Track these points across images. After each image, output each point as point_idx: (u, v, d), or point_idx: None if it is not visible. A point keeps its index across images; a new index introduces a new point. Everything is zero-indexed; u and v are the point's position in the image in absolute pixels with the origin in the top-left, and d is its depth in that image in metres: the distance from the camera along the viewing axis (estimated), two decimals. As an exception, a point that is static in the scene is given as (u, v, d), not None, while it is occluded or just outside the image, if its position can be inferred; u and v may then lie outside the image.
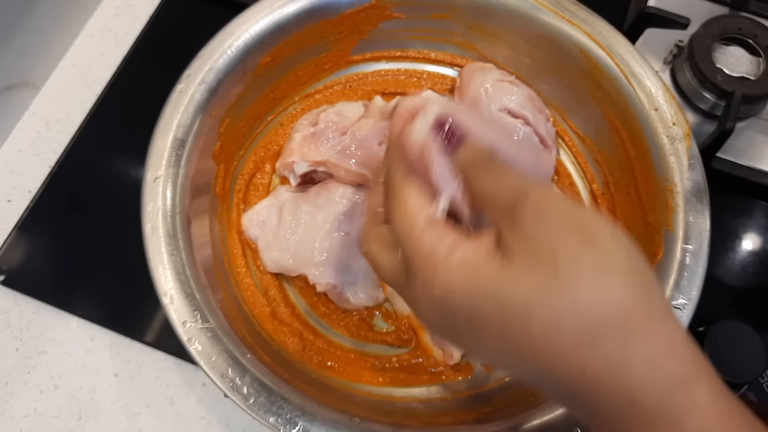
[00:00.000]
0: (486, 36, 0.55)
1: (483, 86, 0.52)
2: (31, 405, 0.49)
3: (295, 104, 0.56)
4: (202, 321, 0.40)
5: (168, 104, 0.45)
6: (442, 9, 0.53)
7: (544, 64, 0.53)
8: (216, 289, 0.44)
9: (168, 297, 0.40)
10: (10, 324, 0.51)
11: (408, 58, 0.58)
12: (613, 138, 0.51)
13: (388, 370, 0.48)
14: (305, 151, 0.50)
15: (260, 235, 0.50)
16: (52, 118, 0.59)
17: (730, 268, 0.54)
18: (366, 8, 0.52)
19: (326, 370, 0.47)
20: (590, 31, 0.50)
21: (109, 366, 0.50)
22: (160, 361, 0.50)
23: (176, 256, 0.42)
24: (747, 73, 0.56)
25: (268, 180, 0.54)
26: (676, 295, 0.42)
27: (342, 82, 0.57)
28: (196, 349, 0.39)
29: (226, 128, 0.49)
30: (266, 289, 0.49)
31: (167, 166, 0.44)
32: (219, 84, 0.47)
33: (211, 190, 0.49)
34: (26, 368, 0.50)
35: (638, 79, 0.48)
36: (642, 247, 0.46)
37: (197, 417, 0.49)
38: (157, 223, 0.42)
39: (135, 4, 0.65)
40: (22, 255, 0.53)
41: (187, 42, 0.48)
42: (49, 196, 0.55)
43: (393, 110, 0.32)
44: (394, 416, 0.43)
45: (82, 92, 0.60)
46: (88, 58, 0.62)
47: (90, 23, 0.64)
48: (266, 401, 0.38)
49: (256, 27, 0.48)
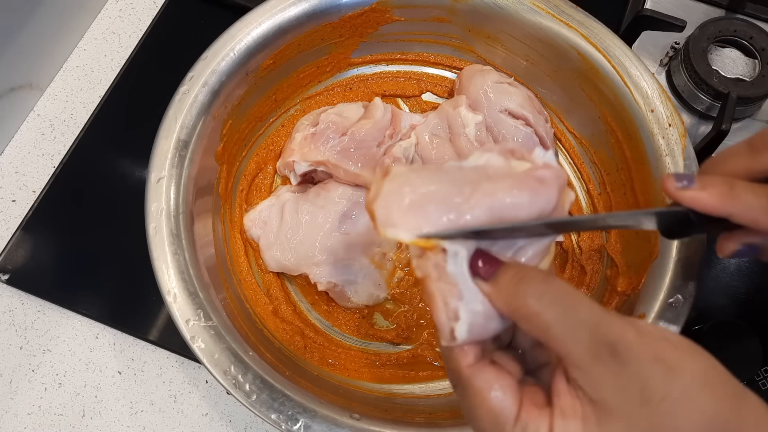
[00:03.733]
0: (484, 39, 0.55)
1: (482, 88, 0.53)
2: (36, 402, 0.50)
3: (297, 106, 0.57)
4: (204, 319, 0.40)
5: (171, 106, 0.46)
6: (442, 12, 0.54)
7: (542, 66, 0.54)
8: (219, 287, 0.44)
9: (171, 295, 0.41)
10: (14, 322, 0.52)
11: (407, 61, 0.59)
12: (609, 139, 0.51)
13: (388, 367, 0.48)
14: (305, 151, 0.50)
15: (262, 235, 0.51)
16: (57, 119, 0.60)
17: (726, 268, 0.55)
18: (366, 11, 0.52)
19: (327, 367, 0.47)
20: (587, 33, 0.50)
21: (112, 364, 0.51)
22: (163, 358, 0.51)
23: (179, 255, 0.42)
24: (742, 74, 0.57)
25: (270, 180, 0.54)
26: (672, 293, 0.42)
27: (343, 84, 0.58)
28: (199, 346, 0.39)
29: (229, 129, 0.50)
30: (268, 288, 0.50)
31: (171, 167, 0.44)
32: (221, 86, 0.47)
33: (213, 191, 0.49)
34: (30, 366, 0.51)
35: (634, 80, 0.49)
36: (638, 248, 0.47)
37: (200, 414, 0.49)
38: (161, 222, 0.43)
39: (138, 7, 0.65)
40: (26, 254, 0.54)
41: (190, 44, 0.48)
42: (53, 196, 0.56)
43: None
44: (395, 413, 0.43)
45: (86, 94, 0.61)
46: (91, 60, 0.63)
47: (94, 26, 0.64)
48: (268, 398, 0.38)
49: (258, 30, 0.49)
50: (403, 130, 0.53)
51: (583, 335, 0.24)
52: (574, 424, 0.24)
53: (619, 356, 0.24)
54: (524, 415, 0.26)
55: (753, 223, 0.28)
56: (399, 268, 0.52)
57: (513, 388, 0.26)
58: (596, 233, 0.53)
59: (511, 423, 0.25)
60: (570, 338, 0.24)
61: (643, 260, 0.45)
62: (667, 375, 0.23)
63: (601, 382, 0.24)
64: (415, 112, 0.58)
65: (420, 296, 0.51)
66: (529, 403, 0.26)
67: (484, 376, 0.27)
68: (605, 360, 0.24)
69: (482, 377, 0.27)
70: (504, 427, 0.26)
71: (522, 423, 0.25)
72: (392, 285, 0.51)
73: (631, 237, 0.49)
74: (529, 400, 0.26)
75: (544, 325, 0.25)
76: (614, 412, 0.24)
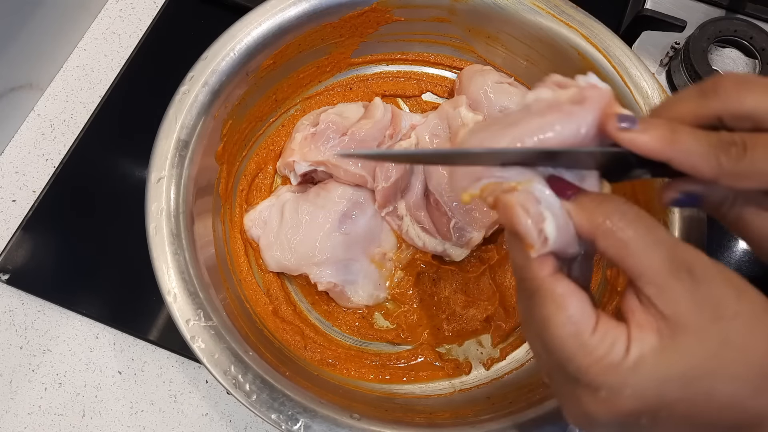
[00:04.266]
0: (484, 39, 0.55)
1: (483, 88, 0.53)
2: (36, 402, 0.50)
3: (297, 106, 0.57)
4: (205, 319, 0.40)
5: (171, 106, 0.46)
6: (442, 12, 0.54)
7: (542, 66, 0.54)
8: (219, 287, 0.44)
9: (171, 295, 0.41)
10: (14, 322, 0.52)
11: (408, 61, 0.59)
12: (610, 139, 0.51)
13: (388, 367, 0.48)
14: (306, 150, 0.50)
15: (262, 235, 0.51)
16: (57, 119, 0.60)
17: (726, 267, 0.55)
18: (366, 11, 0.52)
19: (327, 367, 0.47)
20: (587, 33, 0.50)
21: (112, 364, 0.51)
22: (163, 358, 0.51)
23: (180, 255, 0.42)
24: (743, 75, 0.57)
25: (271, 180, 0.54)
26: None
27: (343, 84, 0.58)
28: (199, 346, 0.40)
29: (229, 129, 0.50)
30: (268, 288, 0.50)
31: (171, 167, 0.44)
32: (222, 86, 0.47)
33: (214, 191, 0.49)
34: (31, 366, 0.51)
35: (635, 80, 0.49)
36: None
37: (200, 414, 0.49)
38: (161, 222, 0.43)
39: (138, 7, 0.65)
40: (26, 254, 0.54)
41: (190, 44, 0.48)
42: (53, 196, 0.56)
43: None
44: (395, 413, 0.43)
45: (86, 93, 0.61)
46: (92, 60, 0.63)
47: (94, 26, 0.64)
48: (268, 398, 0.39)
49: (258, 30, 0.49)
50: (403, 130, 0.53)
51: (662, 253, 0.25)
52: (651, 336, 0.25)
53: (696, 275, 0.25)
54: (602, 325, 0.26)
55: (692, 169, 0.28)
56: (399, 268, 0.52)
57: (590, 301, 0.27)
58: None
59: (590, 331, 0.26)
60: (650, 254, 0.25)
61: (643, 260, 0.45)
62: (739, 296, 0.25)
63: (676, 298, 0.25)
64: (415, 112, 0.58)
65: (419, 296, 0.51)
66: (605, 316, 0.27)
67: (565, 284, 0.27)
68: (682, 277, 0.25)
69: (563, 285, 0.27)
70: (582, 335, 0.26)
71: (600, 331, 0.26)
72: (392, 285, 0.51)
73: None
74: (605, 314, 0.27)
75: (625, 241, 0.26)
76: (688, 327, 0.25)
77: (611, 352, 0.25)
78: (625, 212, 0.26)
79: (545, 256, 0.27)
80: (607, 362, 0.25)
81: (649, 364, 0.25)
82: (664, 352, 0.25)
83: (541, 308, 0.27)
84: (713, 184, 0.28)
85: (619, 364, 0.25)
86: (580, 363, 0.25)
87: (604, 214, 0.27)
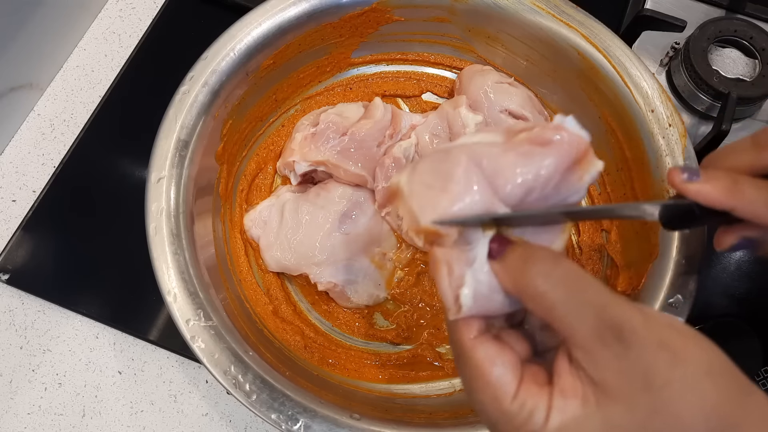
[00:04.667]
0: (484, 39, 0.55)
1: (483, 88, 0.53)
2: (36, 402, 0.50)
3: (297, 106, 0.57)
4: (205, 319, 0.40)
5: (171, 106, 0.46)
6: (442, 12, 0.54)
7: (542, 66, 0.54)
8: (219, 287, 0.44)
9: (171, 295, 0.41)
10: (14, 322, 0.52)
11: (408, 61, 0.59)
12: (609, 139, 0.51)
13: (388, 367, 0.48)
14: (306, 150, 0.50)
15: (262, 235, 0.51)
16: (57, 119, 0.60)
17: (726, 267, 0.55)
18: (367, 11, 0.52)
19: (327, 367, 0.47)
20: (587, 33, 0.50)
21: (112, 364, 0.51)
22: (163, 358, 0.51)
23: (180, 255, 0.42)
24: (743, 74, 0.57)
25: (271, 180, 0.54)
26: (672, 293, 0.42)
27: (343, 84, 0.58)
28: (199, 346, 0.40)
29: (229, 129, 0.50)
30: (268, 288, 0.50)
31: (171, 167, 0.44)
32: (222, 86, 0.48)
33: (214, 191, 0.49)
34: (30, 366, 0.51)
35: (635, 80, 0.49)
36: (638, 248, 0.47)
37: (200, 414, 0.49)
38: (161, 222, 0.43)
39: (138, 7, 0.65)
40: (26, 254, 0.54)
41: (190, 44, 0.48)
42: (53, 196, 0.56)
43: None
44: (395, 412, 0.43)
45: (86, 93, 0.61)
46: (92, 59, 0.63)
47: (94, 25, 0.64)
48: (268, 398, 0.39)
49: (258, 30, 0.49)
50: (403, 130, 0.53)
51: (589, 316, 0.24)
52: (574, 404, 0.24)
53: (624, 340, 0.24)
54: (523, 392, 0.25)
55: (754, 217, 0.29)
56: (399, 268, 0.52)
57: (514, 365, 0.26)
58: (596, 233, 0.53)
59: (509, 398, 0.25)
60: (575, 319, 0.24)
61: (643, 260, 0.45)
62: (671, 361, 0.23)
63: (604, 364, 0.24)
64: (415, 112, 0.58)
65: (419, 296, 0.51)
66: (529, 380, 0.26)
67: (486, 350, 0.26)
68: (610, 342, 0.24)
69: (484, 350, 0.26)
70: (502, 402, 0.25)
71: (520, 399, 0.25)
72: (392, 285, 0.51)
73: (631, 237, 0.49)
74: (531, 377, 0.26)
75: (550, 304, 0.25)
76: (615, 394, 0.24)
77: (530, 420, 0.25)
78: (550, 274, 0.25)
79: (470, 319, 0.27)
80: (526, 430, 0.25)
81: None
82: (588, 420, 0.24)
83: (464, 369, 0.27)
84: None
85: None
86: (503, 429, 0.25)
87: (529, 276, 0.25)
